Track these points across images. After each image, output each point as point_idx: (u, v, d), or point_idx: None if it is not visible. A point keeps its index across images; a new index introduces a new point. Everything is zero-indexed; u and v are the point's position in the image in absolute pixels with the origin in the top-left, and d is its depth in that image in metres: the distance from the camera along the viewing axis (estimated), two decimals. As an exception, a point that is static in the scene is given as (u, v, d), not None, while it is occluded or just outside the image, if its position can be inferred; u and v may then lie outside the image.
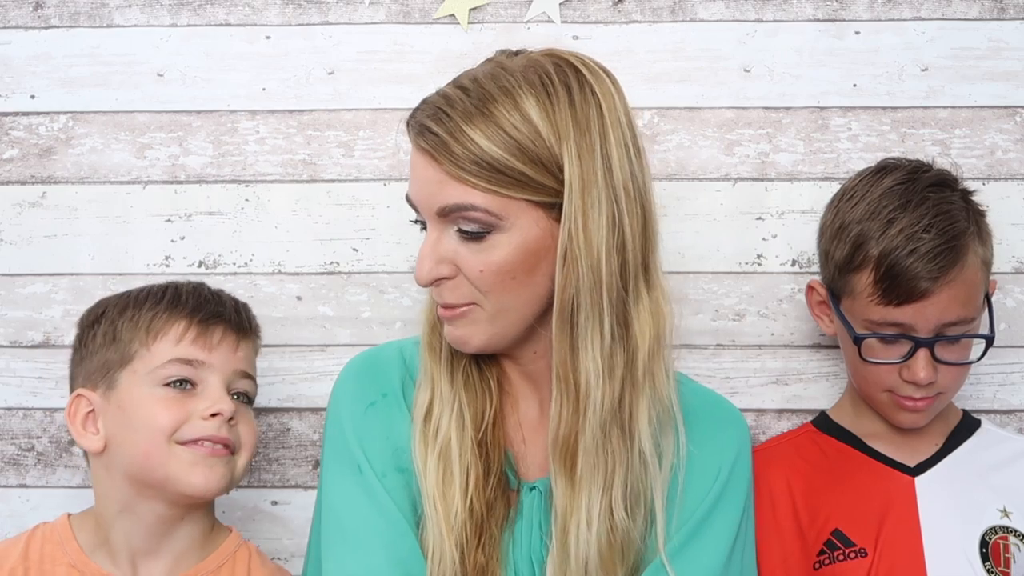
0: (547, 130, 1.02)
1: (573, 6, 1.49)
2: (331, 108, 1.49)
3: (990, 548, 1.26)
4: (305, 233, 1.49)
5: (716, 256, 1.48)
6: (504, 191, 1.02)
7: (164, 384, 1.20)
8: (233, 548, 1.27)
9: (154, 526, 1.22)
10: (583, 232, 1.02)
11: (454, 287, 1.06)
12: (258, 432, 1.29)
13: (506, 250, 1.04)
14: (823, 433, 1.37)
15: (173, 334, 1.21)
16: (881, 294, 1.22)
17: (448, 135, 1.02)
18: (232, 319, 1.24)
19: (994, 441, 1.35)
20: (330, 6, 1.49)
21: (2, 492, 1.50)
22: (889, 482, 1.31)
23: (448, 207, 1.04)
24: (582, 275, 1.02)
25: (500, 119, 1.02)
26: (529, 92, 1.03)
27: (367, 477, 1.10)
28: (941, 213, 1.23)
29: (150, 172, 1.50)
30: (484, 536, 1.08)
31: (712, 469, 1.12)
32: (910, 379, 1.24)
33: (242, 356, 1.25)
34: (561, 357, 1.05)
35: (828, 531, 1.29)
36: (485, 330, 1.07)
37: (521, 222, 1.03)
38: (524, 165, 1.02)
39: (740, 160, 1.48)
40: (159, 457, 1.18)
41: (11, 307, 1.50)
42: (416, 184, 1.07)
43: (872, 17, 1.48)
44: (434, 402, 1.11)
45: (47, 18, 1.50)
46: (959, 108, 1.47)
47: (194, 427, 1.19)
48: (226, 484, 1.21)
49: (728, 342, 1.48)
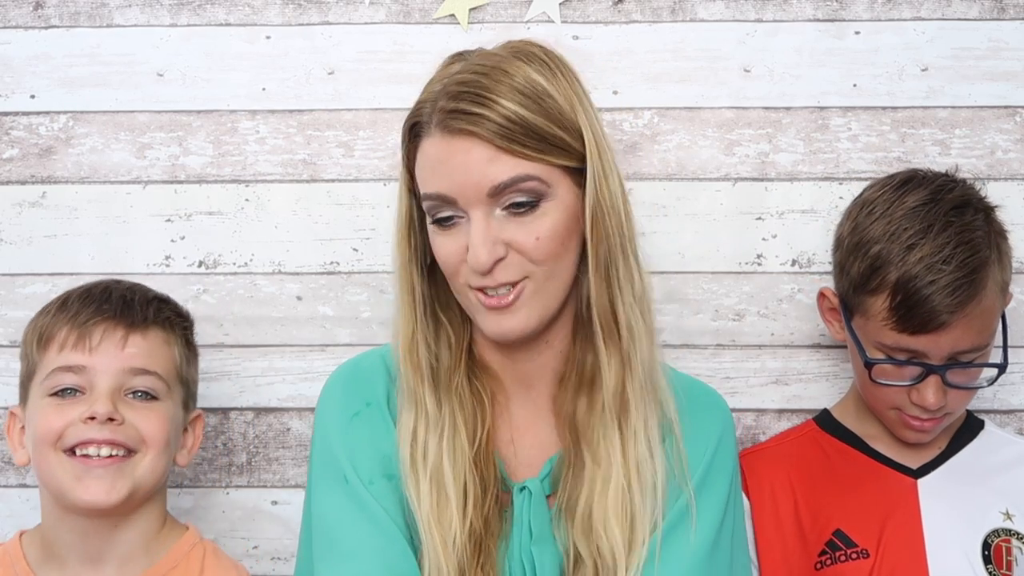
0: (557, 94, 1.06)
1: (573, 6, 1.48)
2: (331, 108, 1.49)
3: (992, 550, 1.26)
4: (305, 233, 1.49)
5: (716, 256, 1.48)
6: (549, 158, 1.05)
7: (52, 394, 1.18)
8: (187, 548, 1.24)
9: (90, 534, 1.19)
10: (608, 190, 1.07)
11: (507, 266, 1.06)
12: (169, 427, 1.21)
13: (555, 216, 1.06)
14: (826, 433, 1.37)
15: (57, 341, 1.19)
16: (896, 321, 1.21)
17: (486, 108, 1.03)
18: (118, 314, 1.20)
19: (997, 444, 1.35)
20: (330, 6, 1.49)
21: (2, 492, 1.50)
22: (892, 484, 1.31)
23: (503, 183, 1.04)
24: (611, 229, 1.07)
25: (522, 87, 1.04)
26: (527, 64, 1.06)
27: (354, 486, 1.10)
28: (963, 243, 1.20)
29: (150, 172, 1.50)
30: (483, 555, 1.08)
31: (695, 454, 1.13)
32: (919, 402, 1.24)
33: (133, 352, 1.20)
34: (603, 307, 1.08)
35: (830, 531, 1.29)
36: (536, 307, 1.08)
37: (561, 189, 1.06)
38: (559, 128, 1.05)
39: (740, 160, 1.48)
40: (47, 468, 1.17)
41: (11, 307, 1.50)
42: (457, 171, 1.04)
43: (872, 17, 1.48)
44: (418, 427, 1.11)
45: (47, 18, 1.50)
46: (959, 108, 1.47)
47: (74, 432, 1.16)
48: (123, 493, 1.16)
49: (728, 342, 1.48)
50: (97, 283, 1.26)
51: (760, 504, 1.31)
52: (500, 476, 1.12)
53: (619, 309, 1.08)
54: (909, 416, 1.26)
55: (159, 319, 1.24)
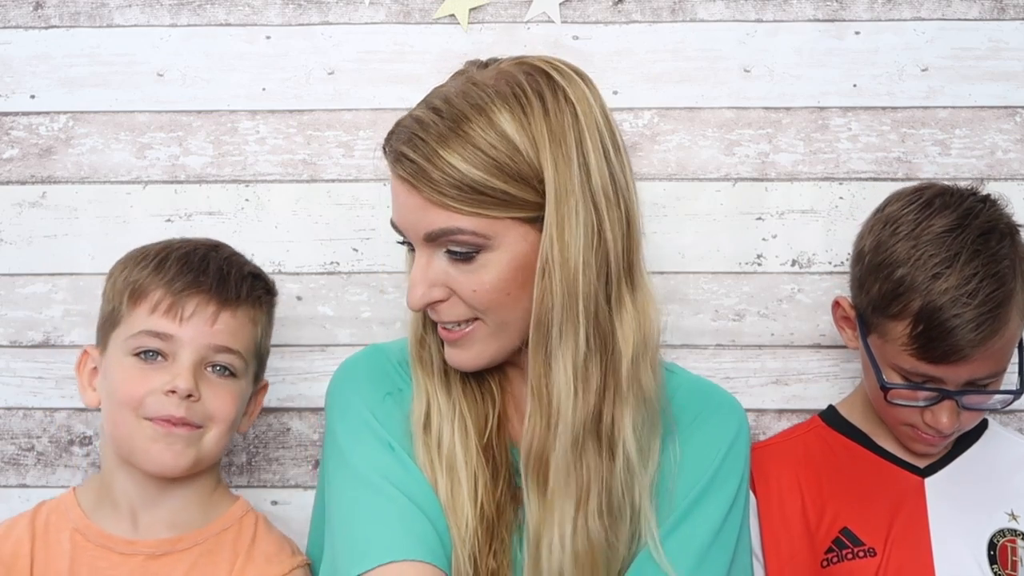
0: (525, 144, 1.01)
1: (573, 6, 1.48)
2: (331, 108, 1.49)
3: (998, 551, 1.26)
4: (305, 233, 1.49)
5: (716, 256, 1.48)
6: (488, 212, 1.01)
7: (134, 354, 1.20)
8: (240, 513, 1.26)
9: (148, 485, 1.22)
10: (559, 244, 1.00)
11: (450, 307, 1.06)
12: (238, 404, 1.24)
13: (496, 269, 1.03)
14: (832, 429, 1.37)
15: (148, 302, 1.20)
16: (916, 349, 1.20)
17: (425, 160, 1.01)
18: (213, 289, 1.21)
19: (1003, 444, 1.35)
20: (330, 6, 1.49)
21: (2, 492, 1.50)
22: (899, 482, 1.31)
23: (434, 232, 1.03)
24: (556, 288, 1.01)
25: (476, 139, 1.00)
26: (503, 106, 1.01)
27: (400, 455, 1.09)
28: (989, 275, 1.18)
29: (150, 172, 1.50)
30: (495, 542, 1.08)
31: (705, 458, 1.12)
32: (932, 424, 1.24)
33: (220, 329, 1.21)
34: (536, 372, 1.04)
35: (837, 529, 1.29)
36: (489, 346, 1.07)
37: (508, 239, 1.03)
38: (505, 184, 1.01)
39: (740, 160, 1.48)
40: (123, 427, 1.19)
41: (11, 307, 1.50)
42: (399, 211, 1.06)
43: (872, 17, 1.48)
44: (432, 413, 1.11)
45: (47, 18, 1.50)
46: (959, 108, 1.47)
47: (153, 403, 1.18)
48: (189, 461, 1.19)
49: (728, 342, 1.48)
50: (197, 246, 1.26)
51: (766, 501, 1.31)
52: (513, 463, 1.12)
53: (552, 377, 1.02)
54: (921, 432, 1.27)
55: (250, 297, 1.25)
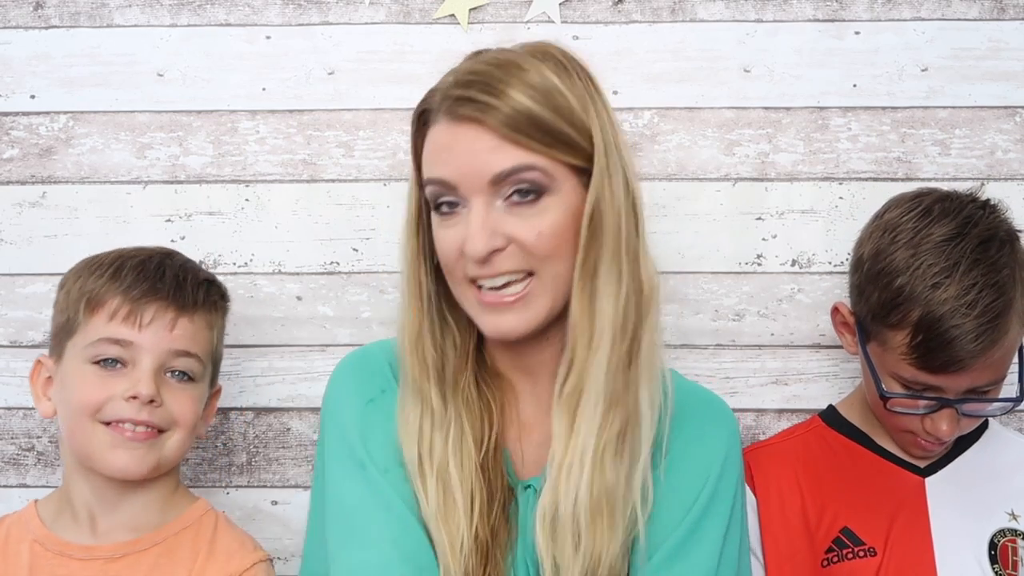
0: (571, 95, 1.05)
1: (573, 6, 1.48)
2: (331, 108, 1.49)
3: (998, 550, 1.26)
4: (305, 233, 1.49)
5: (716, 256, 1.48)
6: (554, 152, 1.04)
7: (93, 362, 1.21)
8: (199, 513, 1.28)
9: (107, 491, 1.23)
10: (609, 192, 1.05)
11: (507, 256, 1.05)
12: (199, 408, 1.26)
13: (556, 213, 1.05)
14: (832, 429, 1.37)
15: (106, 310, 1.21)
16: (916, 358, 1.20)
17: (495, 98, 1.03)
18: (171, 295, 1.22)
19: (1003, 444, 1.35)
20: (330, 6, 1.49)
21: (2, 492, 1.50)
22: (899, 482, 1.31)
23: (505, 171, 1.03)
24: (607, 233, 1.04)
25: (535, 82, 1.04)
26: (543, 64, 1.06)
27: (370, 473, 1.09)
28: (988, 285, 1.18)
29: (150, 172, 1.50)
30: (489, 564, 1.08)
31: (702, 469, 1.11)
32: (932, 431, 1.24)
33: (179, 334, 1.22)
34: (581, 307, 1.06)
35: (837, 529, 1.29)
36: (543, 306, 1.07)
37: (566, 187, 1.05)
38: (567, 126, 1.04)
39: (740, 160, 1.48)
40: (81, 434, 1.20)
41: (11, 307, 1.50)
42: (461, 158, 1.04)
43: (872, 17, 1.48)
44: (424, 423, 1.10)
45: (47, 18, 1.50)
46: (959, 108, 1.47)
47: (114, 408, 1.19)
48: (150, 466, 1.21)
49: (728, 342, 1.48)
50: (151, 254, 1.27)
51: (766, 500, 1.31)
52: (507, 475, 1.11)
53: (596, 312, 1.05)
54: (920, 439, 1.27)
55: (207, 303, 1.27)
